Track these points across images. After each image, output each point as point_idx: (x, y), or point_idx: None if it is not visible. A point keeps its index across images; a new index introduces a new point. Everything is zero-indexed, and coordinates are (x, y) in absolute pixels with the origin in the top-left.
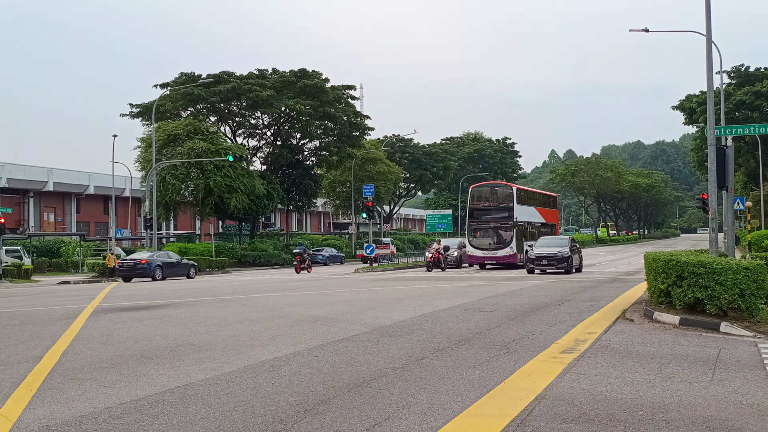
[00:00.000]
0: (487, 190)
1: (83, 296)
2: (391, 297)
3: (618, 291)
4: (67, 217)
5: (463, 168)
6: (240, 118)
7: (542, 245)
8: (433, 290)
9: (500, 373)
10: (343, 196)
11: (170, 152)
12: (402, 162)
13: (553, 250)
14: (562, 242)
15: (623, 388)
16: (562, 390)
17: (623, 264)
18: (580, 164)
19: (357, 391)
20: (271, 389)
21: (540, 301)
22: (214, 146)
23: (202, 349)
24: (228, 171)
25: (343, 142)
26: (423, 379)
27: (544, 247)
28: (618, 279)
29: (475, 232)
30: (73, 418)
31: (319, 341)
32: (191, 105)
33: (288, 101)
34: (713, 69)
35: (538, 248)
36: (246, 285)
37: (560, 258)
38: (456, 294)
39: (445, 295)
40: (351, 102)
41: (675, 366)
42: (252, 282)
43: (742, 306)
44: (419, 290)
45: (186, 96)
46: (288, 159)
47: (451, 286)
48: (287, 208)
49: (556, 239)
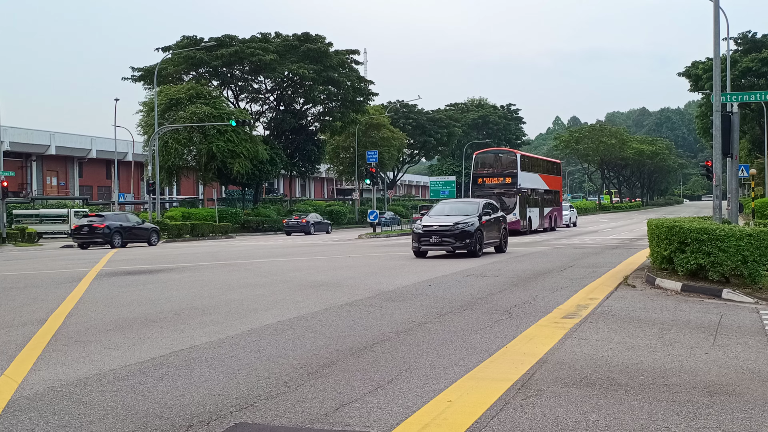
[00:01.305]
0: (490, 156)
1: (87, 260)
2: (394, 263)
3: (620, 257)
4: (69, 181)
5: (467, 134)
6: (243, 83)
7: (438, 213)
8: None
9: (502, 338)
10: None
11: (172, 116)
12: (406, 128)
13: (450, 220)
14: (469, 208)
15: (624, 353)
16: (564, 354)
17: (626, 231)
18: (584, 131)
19: (360, 354)
20: (274, 352)
21: (542, 267)
22: (217, 111)
23: (206, 313)
24: (231, 136)
25: (346, 107)
26: (425, 343)
27: (439, 215)
28: (620, 245)
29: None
30: (78, 380)
31: (323, 306)
32: (193, 69)
33: (291, 66)
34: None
35: (431, 217)
36: (249, 250)
37: (459, 233)
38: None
39: (448, 261)
40: (355, 67)
41: (676, 332)
42: (255, 247)
43: (744, 272)
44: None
45: (188, 60)
46: (291, 124)
47: None
48: (290, 174)
49: (460, 204)
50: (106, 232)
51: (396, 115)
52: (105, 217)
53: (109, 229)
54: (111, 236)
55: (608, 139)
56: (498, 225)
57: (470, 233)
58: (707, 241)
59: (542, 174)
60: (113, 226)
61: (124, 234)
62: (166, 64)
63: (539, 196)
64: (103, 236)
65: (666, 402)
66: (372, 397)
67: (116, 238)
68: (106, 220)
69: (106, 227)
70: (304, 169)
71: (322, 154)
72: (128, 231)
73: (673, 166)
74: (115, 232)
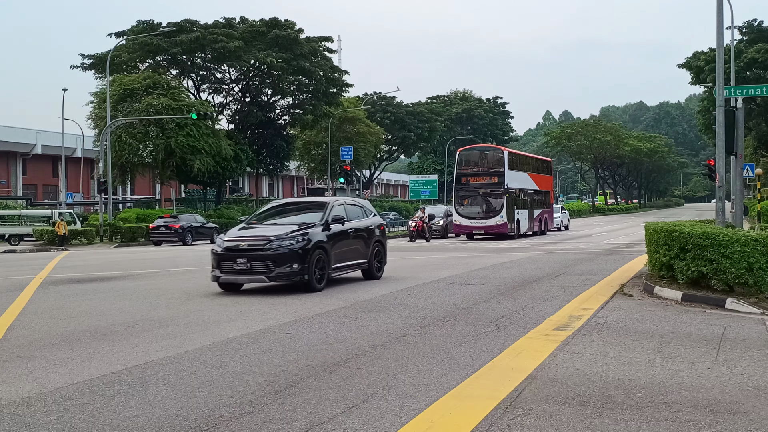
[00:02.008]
0: (476, 153)
1: (31, 266)
2: None
3: (616, 264)
4: (12, 180)
5: (450, 129)
6: (204, 72)
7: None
8: (416, 262)
9: (488, 352)
10: (319, 158)
11: (127, 108)
12: (383, 122)
13: (270, 232)
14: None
15: (620, 368)
16: (555, 370)
17: (622, 235)
18: (577, 127)
19: (333, 370)
20: (238, 368)
21: (532, 274)
22: (176, 102)
23: (162, 325)
24: (191, 130)
25: (318, 99)
26: (405, 357)
27: (258, 225)
28: (616, 251)
29: (463, 199)
30: (20, 399)
31: (292, 317)
32: (150, 57)
33: (258, 54)
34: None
35: (242, 229)
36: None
37: (279, 254)
38: (441, 266)
39: (429, 267)
40: (328, 55)
41: (676, 345)
42: None
43: (749, 281)
44: (401, 262)
45: (144, 46)
46: (258, 118)
47: (436, 257)
48: (257, 172)
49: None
50: (179, 231)
51: (373, 108)
52: (179, 218)
53: (183, 229)
54: (184, 235)
55: (603, 136)
56: (366, 238)
57: (297, 254)
58: (710, 247)
59: (531, 173)
60: (186, 226)
61: (194, 233)
62: (119, 51)
63: (528, 196)
64: (177, 235)
65: (665, 422)
66: (346, 418)
67: (188, 237)
68: (180, 220)
69: (180, 227)
70: (271, 167)
71: (291, 150)
72: (196, 230)
73: (672, 165)
74: (187, 231)
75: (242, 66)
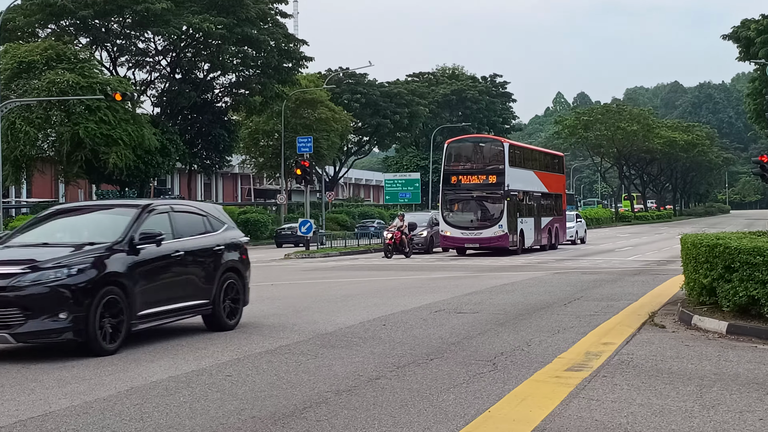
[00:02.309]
0: (468, 146)
1: None
2: (335, 293)
3: (644, 287)
4: None
5: (436, 116)
6: (123, 41)
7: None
8: (393, 284)
9: (483, 399)
10: (270, 152)
11: (23, 87)
12: (352, 106)
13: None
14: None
15: (651, 420)
16: (568, 421)
17: (652, 250)
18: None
19: (285, 423)
20: (164, 422)
21: (539, 299)
22: (86, 80)
23: (67, 366)
24: (105, 115)
25: (269, 76)
26: (377, 406)
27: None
28: (645, 270)
29: (452, 204)
30: None
31: (233, 354)
32: (53, 20)
33: (191, 18)
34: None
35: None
36: None
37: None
38: (425, 289)
39: (410, 290)
40: (281, 21)
41: (720, 389)
42: None
43: None
44: (374, 284)
45: (45, 8)
46: (191, 99)
47: (418, 277)
48: (190, 168)
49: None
50: (299, 235)
51: (338, 88)
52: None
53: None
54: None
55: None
56: (207, 265)
57: (67, 295)
58: (762, 265)
59: (539, 171)
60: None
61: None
62: (13, 13)
63: (535, 201)
64: (298, 237)
65: None
66: None
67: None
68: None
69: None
70: (208, 162)
71: (234, 140)
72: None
73: (715, 162)
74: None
75: (171, 33)
